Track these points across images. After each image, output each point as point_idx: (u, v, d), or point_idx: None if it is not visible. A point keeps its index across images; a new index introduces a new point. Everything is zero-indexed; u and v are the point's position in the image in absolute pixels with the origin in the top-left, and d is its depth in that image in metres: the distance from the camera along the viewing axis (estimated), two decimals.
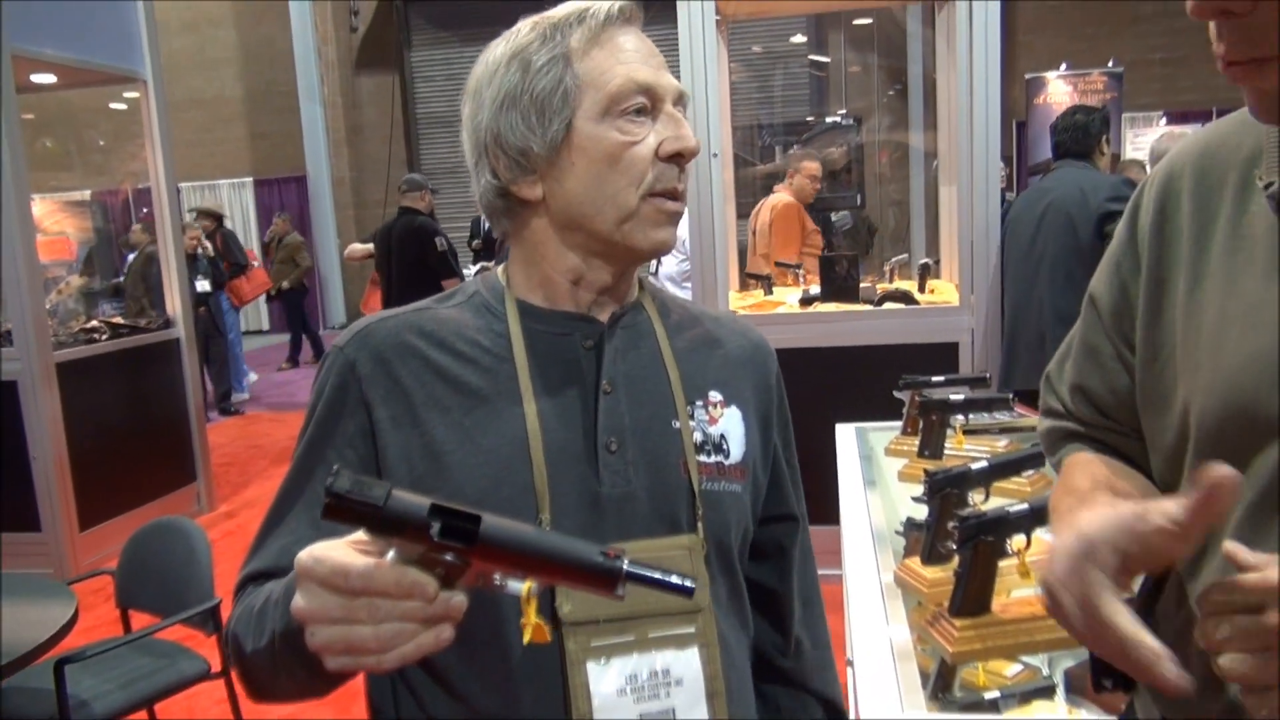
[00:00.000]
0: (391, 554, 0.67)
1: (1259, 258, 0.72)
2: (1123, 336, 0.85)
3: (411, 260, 5.56)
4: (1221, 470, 0.60)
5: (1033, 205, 3.68)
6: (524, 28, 0.91)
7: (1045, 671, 1.48)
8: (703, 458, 0.95)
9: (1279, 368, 0.69)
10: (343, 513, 0.64)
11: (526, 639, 0.73)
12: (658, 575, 0.68)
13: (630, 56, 0.89)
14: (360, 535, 0.67)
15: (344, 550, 0.68)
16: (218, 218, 7.31)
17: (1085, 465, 0.88)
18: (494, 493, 0.87)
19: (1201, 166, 0.79)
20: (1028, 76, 9.35)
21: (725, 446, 0.97)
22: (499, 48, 0.92)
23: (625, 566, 0.66)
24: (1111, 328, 0.86)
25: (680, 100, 0.91)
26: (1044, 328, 3.54)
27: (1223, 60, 0.66)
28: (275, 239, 10.08)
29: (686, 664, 0.88)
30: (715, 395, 0.98)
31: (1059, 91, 9.15)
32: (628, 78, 0.87)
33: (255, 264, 6.54)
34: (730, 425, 0.98)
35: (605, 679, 0.85)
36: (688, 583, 0.68)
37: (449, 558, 0.66)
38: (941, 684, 1.37)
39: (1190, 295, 0.77)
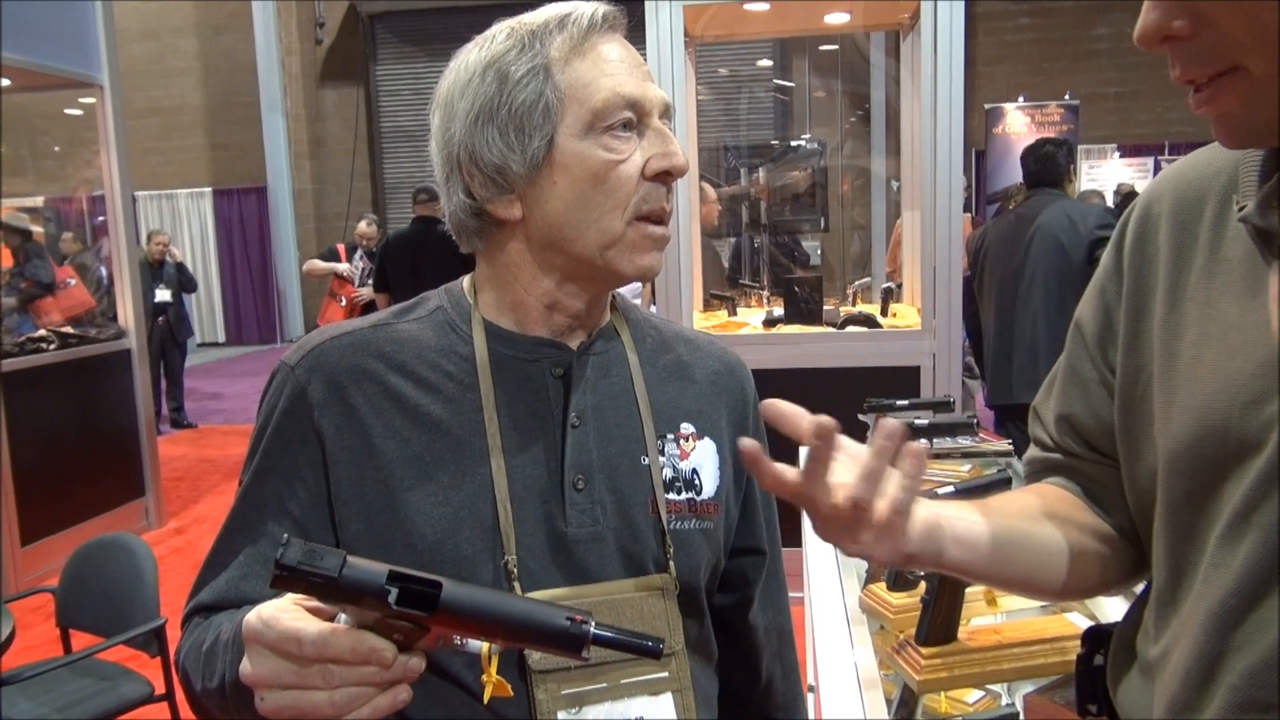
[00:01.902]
0: (343, 617, 0.64)
1: (1235, 282, 0.73)
2: (1106, 361, 0.84)
3: (450, 270, 5.35)
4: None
5: (1015, 231, 3.85)
6: (499, 33, 0.85)
7: (1005, 699, 1.48)
8: (672, 495, 0.90)
9: (1250, 391, 0.69)
10: (294, 584, 0.61)
11: (487, 697, 0.70)
12: (626, 638, 0.66)
13: (615, 67, 0.83)
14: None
15: (294, 613, 0.65)
16: (24, 233, 6.55)
17: (1030, 492, 0.89)
18: (454, 534, 0.83)
19: (1180, 192, 0.80)
20: (987, 106, 9.53)
21: (697, 482, 0.92)
22: (472, 53, 0.85)
23: (592, 630, 0.65)
24: (1095, 352, 0.85)
25: (666, 113, 0.86)
26: (1037, 346, 3.71)
27: (1179, 83, 0.67)
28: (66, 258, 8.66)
29: (661, 710, 0.85)
30: (687, 428, 0.93)
31: (1017, 122, 9.33)
32: (613, 91, 0.82)
33: (71, 282, 5.97)
34: (703, 459, 0.94)
35: None
36: (652, 644, 0.66)
37: (407, 623, 0.64)
38: (904, 711, 1.36)
39: (1167, 319, 0.77)
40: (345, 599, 0.62)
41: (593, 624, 0.65)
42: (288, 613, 0.65)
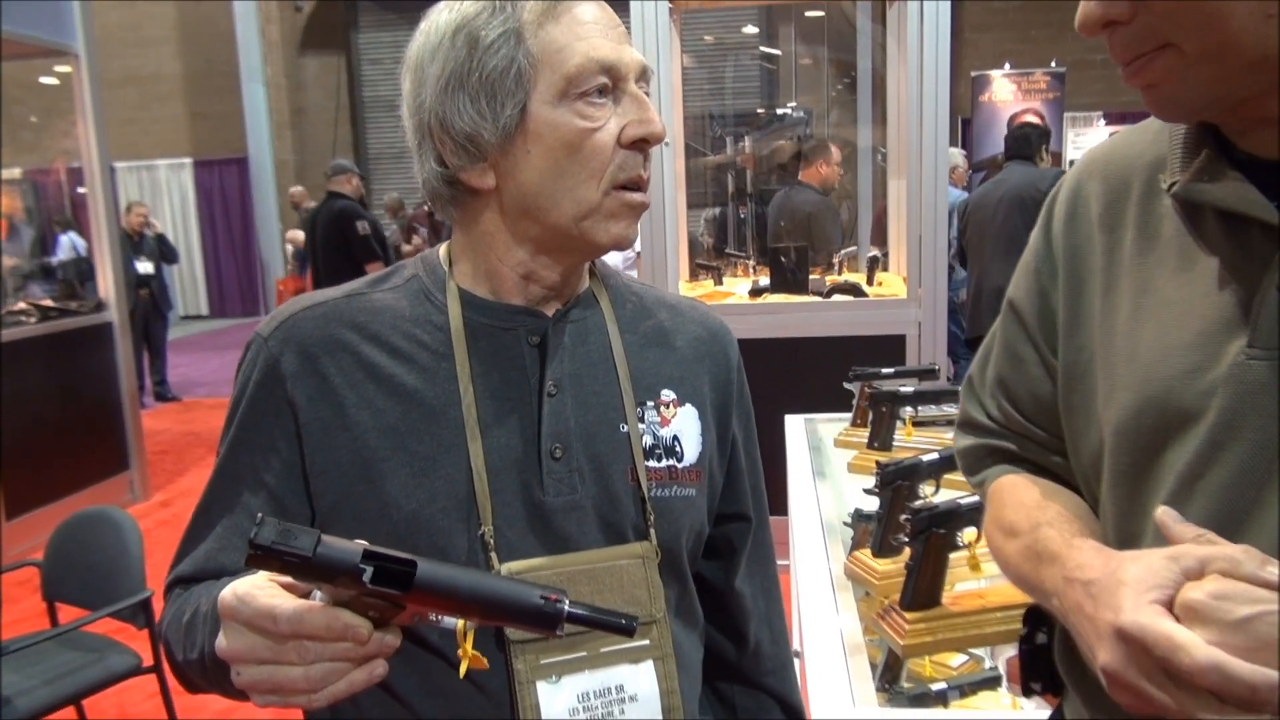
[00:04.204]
0: (318, 593, 0.65)
1: (1168, 258, 0.74)
2: (1048, 342, 0.85)
3: (335, 245, 5.50)
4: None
5: (990, 194, 4.69)
6: None
7: (989, 663, 1.49)
8: (652, 463, 0.90)
9: (1189, 361, 0.70)
10: (269, 563, 0.61)
11: (463, 672, 0.71)
12: (599, 615, 0.67)
13: (589, 30, 0.81)
14: None
15: (269, 589, 0.65)
16: None
17: (1016, 492, 0.86)
18: (430, 504, 0.82)
19: (1107, 173, 0.81)
20: (973, 74, 9.48)
21: (678, 449, 0.92)
22: (443, 14, 0.83)
23: (566, 609, 0.65)
24: (1036, 332, 0.86)
25: (643, 76, 0.84)
26: (1002, 285, 4.24)
27: (1115, 59, 0.69)
28: None
29: (641, 679, 0.85)
30: (668, 394, 0.93)
31: (1003, 90, 9.29)
32: (587, 56, 0.79)
33: None
34: (684, 425, 0.93)
35: (557, 698, 0.82)
36: (626, 622, 0.67)
37: (382, 601, 0.64)
38: (889, 675, 1.37)
39: (1105, 298, 0.79)
40: (320, 577, 0.62)
41: (567, 602, 0.65)
42: (262, 589, 0.65)
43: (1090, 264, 0.80)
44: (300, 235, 7.26)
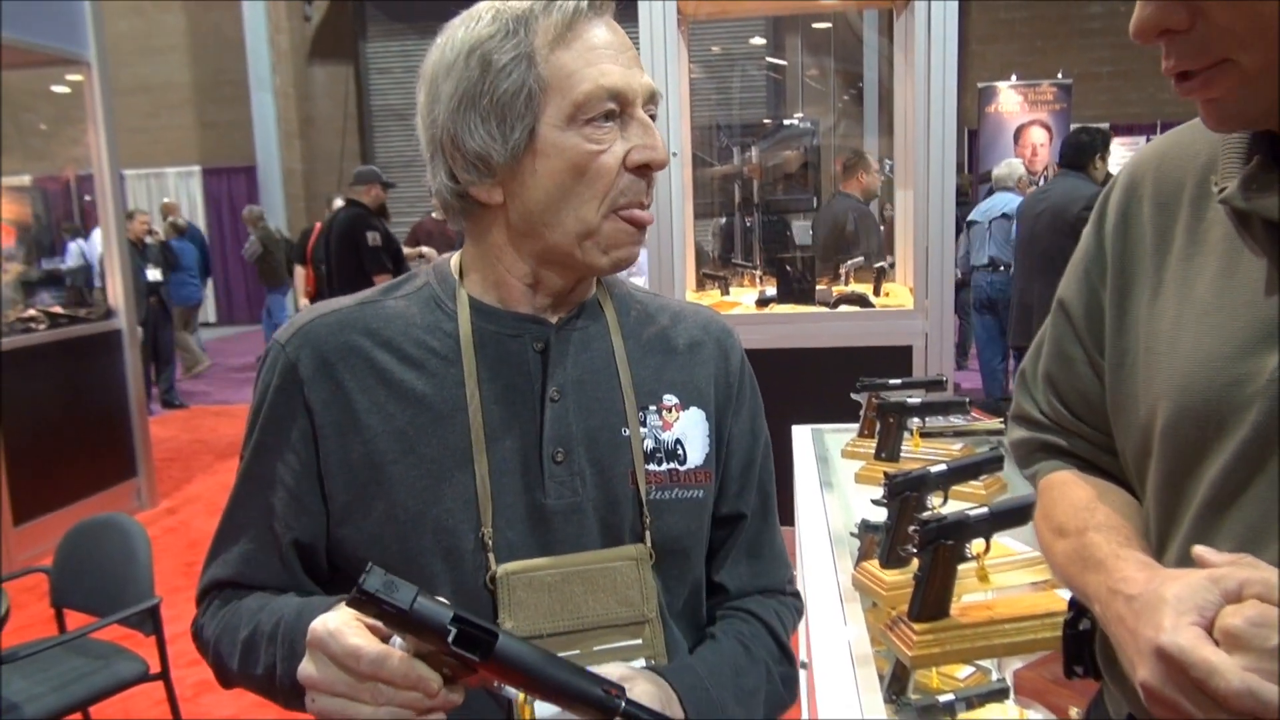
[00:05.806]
0: (399, 641, 0.69)
1: (1212, 263, 0.74)
2: (1095, 342, 0.85)
3: (346, 254, 5.52)
4: None
5: (1036, 203, 4.90)
6: (485, 14, 0.84)
7: (996, 675, 1.49)
8: (653, 466, 0.92)
9: (1229, 373, 0.70)
10: (368, 608, 0.67)
11: None
12: (653, 716, 0.71)
13: (599, 56, 0.82)
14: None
15: (356, 630, 0.70)
16: None
17: (1066, 491, 0.87)
18: (435, 505, 0.85)
19: (1160, 173, 0.81)
20: (980, 86, 9.49)
21: (681, 452, 0.94)
22: (459, 31, 0.85)
23: (623, 706, 0.70)
24: (1085, 332, 0.86)
25: (652, 100, 0.86)
26: (1046, 299, 4.56)
27: (1170, 74, 0.68)
28: None
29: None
30: (670, 399, 0.94)
31: (1010, 101, 9.30)
32: (596, 83, 0.81)
33: None
34: (688, 429, 0.95)
35: None
36: None
37: (458, 662, 0.68)
38: (896, 686, 1.37)
39: (1152, 301, 0.79)
40: (409, 629, 0.67)
41: (624, 701, 0.70)
42: (351, 627, 0.70)
43: (1140, 266, 0.80)
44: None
